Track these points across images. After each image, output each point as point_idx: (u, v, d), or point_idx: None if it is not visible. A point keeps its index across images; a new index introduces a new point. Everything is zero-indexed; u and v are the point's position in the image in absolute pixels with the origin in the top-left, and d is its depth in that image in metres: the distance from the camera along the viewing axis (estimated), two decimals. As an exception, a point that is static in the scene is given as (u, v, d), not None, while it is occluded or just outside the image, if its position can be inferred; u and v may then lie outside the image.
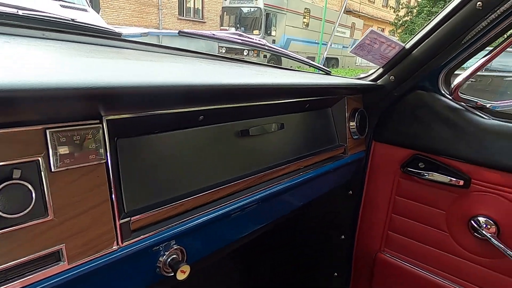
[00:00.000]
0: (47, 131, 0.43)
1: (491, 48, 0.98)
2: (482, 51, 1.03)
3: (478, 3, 0.89)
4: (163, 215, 0.58)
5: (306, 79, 0.90)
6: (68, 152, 0.45)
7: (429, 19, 1.09)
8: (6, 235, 0.41)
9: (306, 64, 1.29)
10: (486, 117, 1.02)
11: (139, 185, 0.56)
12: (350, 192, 1.27)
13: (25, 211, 0.41)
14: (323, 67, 1.26)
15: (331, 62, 18.21)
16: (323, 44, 17.73)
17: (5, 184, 0.40)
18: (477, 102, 1.04)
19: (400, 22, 16.81)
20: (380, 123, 1.19)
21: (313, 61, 1.28)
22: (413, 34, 1.11)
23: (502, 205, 0.99)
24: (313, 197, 1.04)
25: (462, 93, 1.06)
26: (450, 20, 0.98)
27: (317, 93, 0.94)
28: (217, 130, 0.70)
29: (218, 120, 0.70)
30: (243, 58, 1.69)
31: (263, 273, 1.60)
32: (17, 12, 0.73)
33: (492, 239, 0.99)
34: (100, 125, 0.48)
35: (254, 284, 1.60)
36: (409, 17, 16.88)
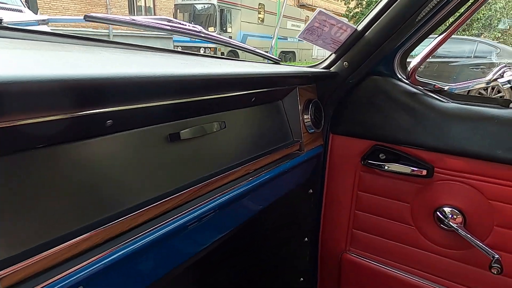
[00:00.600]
0: None
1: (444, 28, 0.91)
2: (435, 32, 0.97)
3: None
4: (57, 259, 0.43)
5: (250, 68, 0.77)
6: None
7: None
8: None
9: (252, 53, 1.17)
10: (445, 101, 0.95)
11: (17, 222, 0.40)
12: (310, 191, 1.17)
13: None
14: (272, 56, 1.14)
15: (288, 56, 18.35)
16: (279, 38, 17.82)
17: None
18: (435, 85, 0.97)
19: (351, 13, 17.25)
20: (337, 114, 1.10)
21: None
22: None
23: (467, 193, 0.93)
24: (269, 202, 0.93)
25: (420, 77, 0.98)
26: (398, 2, 0.90)
27: (264, 84, 0.82)
28: (136, 136, 0.56)
29: (136, 124, 0.55)
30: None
31: (223, 284, 1.47)
32: None
33: (459, 230, 0.93)
34: None
35: None
36: (359, 8, 17.37)
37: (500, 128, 0.87)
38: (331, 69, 1.05)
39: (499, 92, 8.46)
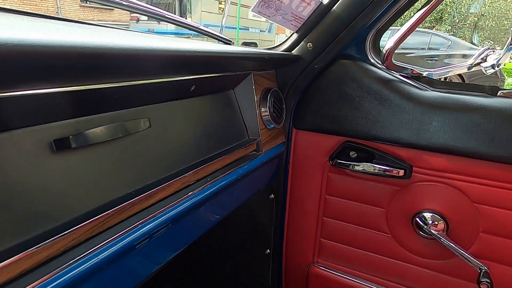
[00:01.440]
0: None
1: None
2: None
3: None
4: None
5: (186, 44, 0.57)
6: None
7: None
8: None
9: (201, 33, 0.97)
10: (424, 88, 0.82)
11: None
12: (272, 196, 1.00)
13: None
14: (223, 36, 0.95)
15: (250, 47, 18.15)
16: (240, 29, 17.58)
17: None
18: (412, 70, 0.83)
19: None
20: (300, 106, 0.93)
21: None
22: None
23: (450, 196, 0.80)
24: (222, 215, 0.75)
25: (396, 61, 0.84)
26: None
27: (206, 67, 0.62)
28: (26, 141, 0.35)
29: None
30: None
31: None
32: None
33: (441, 238, 0.80)
34: None
35: None
36: None
37: (487, 120, 0.74)
38: (292, 51, 0.87)
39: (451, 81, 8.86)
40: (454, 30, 14.29)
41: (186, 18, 15.18)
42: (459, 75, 8.65)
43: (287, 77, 0.91)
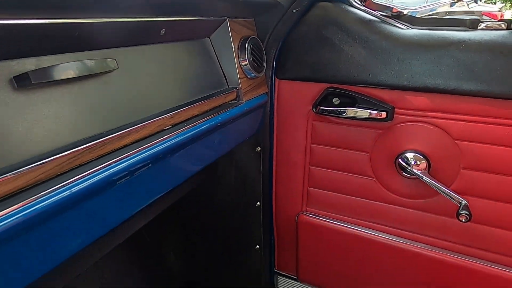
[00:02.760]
0: None
1: None
2: None
3: None
4: None
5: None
6: None
7: None
8: None
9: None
10: (405, 27, 0.80)
11: None
12: (258, 148, 1.01)
13: None
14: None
15: None
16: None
17: None
18: (393, 8, 0.81)
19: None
20: (282, 55, 0.91)
21: None
22: None
23: (431, 135, 0.81)
24: (208, 161, 0.76)
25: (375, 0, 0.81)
26: None
27: (173, 6, 0.61)
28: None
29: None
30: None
31: (174, 256, 1.33)
32: None
33: (423, 177, 0.81)
34: None
35: (166, 269, 1.33)
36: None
37: (467, 54, 0.73)
38: (270, -5, 0.85)
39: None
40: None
41: None
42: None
43: (266, 26, 0.89)
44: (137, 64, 0.57)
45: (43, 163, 0.39)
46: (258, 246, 1.15)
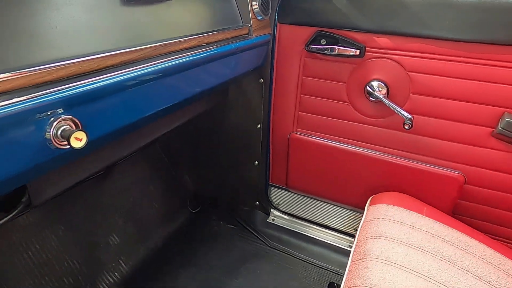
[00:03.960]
0: None
1: None
2: None
3: None
4: (39, 79, 0.51)
5: None
6: None
7: None
8: None
9: None
10: (377, -16, 1.06)
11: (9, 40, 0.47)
12: (261, 80, 1.29)
13: None
14: None
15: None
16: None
17: None
18: (369, -32, 1.06)
19: None
20: (283, 3, 1.17)
21: None
22: None
23: (390, 67, 1.09)
24: (223, 79, 1.03)
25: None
26: None
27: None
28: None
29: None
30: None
31: (184, 167, 1.65)
32: None
33: (384, 99, 1.11)
34: None
35: (180, 183, 1.65)
36: None
37: (420, 7, 1.00)
38: (276, -45, 1.10)
39: None
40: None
41: None
42: None
43: (272, -21, 1.14)
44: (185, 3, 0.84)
45: (77, 62, 0.61)
46: (257, 162, 1.46)
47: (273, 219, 1.55)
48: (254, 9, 1.08)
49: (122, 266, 1.33)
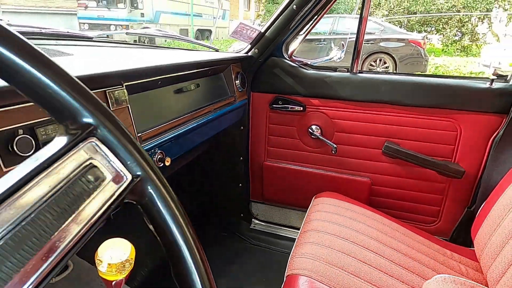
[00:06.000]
0: None
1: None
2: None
3: (294, 6, 1.62)
4: (153, 133, 1.12)
5: (205, 56, 1.49)
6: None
7: None
8: None
9: (198, 45, 1.87)
10: (309, 69, 1.80)
11: (145, 116, 1.09)
12: (242, 127, 1.95)
13: None
14: (212, 46, 1.86)
15: (205, 34, 18.59)
16: (194, 15, 17.76)
17: None
18: (302, 61, 1.81)
19: None
20: (254, 80, 1.88)
21: (187, 34, 1.87)
22: (275, 4, 1.80)
23: (321, 117, 1.80)
24: (220, 128, 1.67)
25: (296, 56, 1.81)
26: (283, 14, 1.69)
27: (214, 64, 1.55)
28: (168, 89, 1.26)
29: (166, 83, 1.25)
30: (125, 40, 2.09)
31: (188, 197, 2.22)
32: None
33: (320, 137, 1.80)
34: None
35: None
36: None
37: (339, 82, 1.73)
38: (248, 53, 1.81)
39: (385, 62, 10.27)
40: (390, 15, 15.88)
41: (137, 6, 14.95)
42: (392, 57, 10.12)
43: (247, 65, 1.85)
44: (200, 84, 1.49)
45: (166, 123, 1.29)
46: (240, 184, 2.08)
47: (254, 226, 2.15)
48: (237, 85, 1.77)
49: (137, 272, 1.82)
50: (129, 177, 0.34)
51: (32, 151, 0.71)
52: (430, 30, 15.24)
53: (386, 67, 9.69)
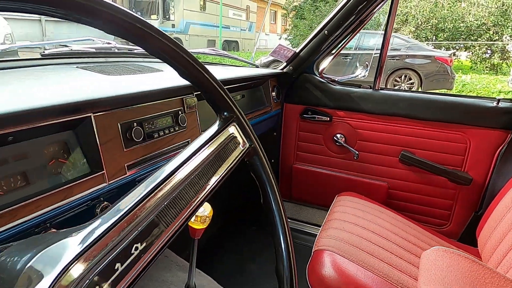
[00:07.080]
0: None
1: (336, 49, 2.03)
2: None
3: (325, 31, 1.90)
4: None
5: (250, 72, 1.79)
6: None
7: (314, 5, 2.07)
8: None
9: (241, 61, 2.18)
10: (336, 85, 2.07)
11: (206, 118, 1.39)
12: (275, 133, 2.24)
13: None
14: (253, 62, 2.17)
15: (232, 45, 19.19)
16: (222, 27, 18.37)
17: None
18: (330, 77, 2.08)
19: (291, 6, 18.72)
20: (288, 92, 2.16)
21: (214, 44, 2.17)
22: (302, 19, 2.08)
23: (346, 127, 2.06)
24: (258, 133, 1.96)
25: (325, 74, 2.09)
26: (316, 38, 1.97)
27: (256, 79, 1.84)
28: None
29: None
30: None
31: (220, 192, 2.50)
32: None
33: (344, 144, 2.06)
34: None
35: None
36: (297, 2, 18.83)
37: (363, 97, 1.99)
38: (284, 70, 2.10)
39: (410, 79, 10.33)
40: (418, 32, 15.90)
41: (169, 17, 15.61)
42: (417, 73, 10.16)
43: (282, 80, 2.14)
44: (245, 95, 1.79)
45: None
46: (271, 184, 2.35)
47: (281, 222, 2.40)
48: (273, 97, 2.06)
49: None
50: (248, 145, 0.63)
51: (141, 138, 1.02)
52: (459, 47, 15.15)
53: (411, 84, 9.76)
